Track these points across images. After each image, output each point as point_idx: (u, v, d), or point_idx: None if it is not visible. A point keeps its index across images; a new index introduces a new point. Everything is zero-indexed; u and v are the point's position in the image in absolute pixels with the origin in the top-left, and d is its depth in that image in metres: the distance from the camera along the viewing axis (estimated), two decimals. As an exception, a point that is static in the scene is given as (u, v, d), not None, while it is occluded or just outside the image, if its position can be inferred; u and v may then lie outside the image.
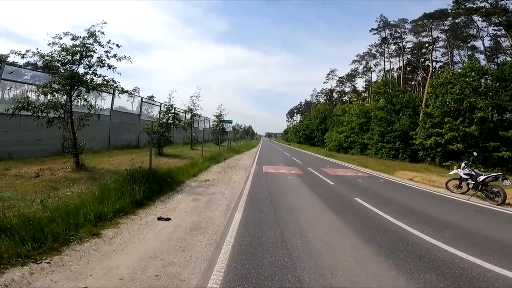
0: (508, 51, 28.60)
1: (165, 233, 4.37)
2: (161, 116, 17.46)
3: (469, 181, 8.53)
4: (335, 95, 64.12)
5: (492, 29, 29.97)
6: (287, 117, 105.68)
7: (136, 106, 20.50)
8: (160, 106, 20.19)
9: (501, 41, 30.05)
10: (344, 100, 56.59)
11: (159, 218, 5.01)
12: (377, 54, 42.22)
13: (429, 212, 6.41)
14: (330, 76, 62.75)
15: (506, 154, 19.06)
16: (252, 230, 4.56)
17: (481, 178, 8.17)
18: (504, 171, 16.18)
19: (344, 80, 58.11)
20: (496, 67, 27.43)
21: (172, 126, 16.14)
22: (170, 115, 16.35)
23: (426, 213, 6.35)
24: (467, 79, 22.23)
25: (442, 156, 21.81)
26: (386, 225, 5.21)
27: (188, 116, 22.93)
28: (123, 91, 9.45)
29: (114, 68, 8.45)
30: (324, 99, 67.15)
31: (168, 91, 20.48)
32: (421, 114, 27.91)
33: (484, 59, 30.15)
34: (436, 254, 3.88)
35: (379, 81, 38.67)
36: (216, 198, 6.85)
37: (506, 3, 27.86)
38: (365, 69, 48.18)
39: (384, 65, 41.48)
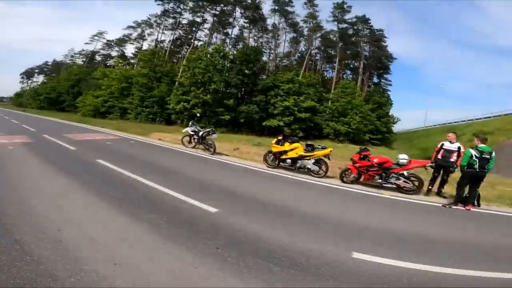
0: (244, 41, 38.17)
1: None
2: None
3: (195, 136, 11.08)
4: (98, 58, 55.52)
5: (244, 21, 38.43)
6: (23, 78, 77.63)
7: None
8: None
9: (245, 32, 39.27)
10: (108, 64, 50.53)
11: None
12: (155, 24, 41.15)
13: (162, 164, 7.81)
14: (97, 37, 53.05)
15: (227, 117, 26.68)
16: None
17: (201, 133, 10.88)
18: (224, 129, 22.77)
19: (113, 44, 51.64)
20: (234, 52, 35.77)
21: None
22: None
23: (160, 165, 7.68)
24: (213, 58, 27.83)
25: (188, 119, 26.36)
26: (123, 179, 5.74)
27: None
28: None
29: None
30: (83, 61, 56.13)
31: None
32: (176, 83, 31.50)
33: (229, 44, 38.45)
34: (161, 198, 4.95)
35: (148, 49, 38.45)
36: None
37: (260, 1, 36.21)
38: (139, 36, 45.61)
39: (158, 36, 41.44)
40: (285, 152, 8.20)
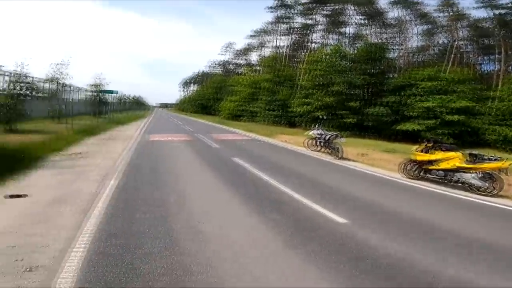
0: (363, 38, 35.72)
1: (19, 209, 3.93)
2: (10, 86, 13.91)
3: (320, 140, 10.86)
4: (231, 67, 65.85)
5: (359, 18, 36.47)
6: (182, 87, 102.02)
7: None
8: (4, 75, 15.85)
9: (363, 29, 37.02)
10: (239, 72, 58.91)
11: (9, 196, 4.37)
12: (271, 31, 45.23)
13: (287, 165, 8.06)
14: (228, 48, 63.60)
15: (352, 120, 25.02)
16: (127, 194, 4.66)
17: (327, 137, 10.55)
18: (348, 133, 21.38)
19: (241, 53, 60.24)
20: (353, 51, 33.89)
21: (28, 97, 13.25)
22: (22, 84, 13.25)
23: (285, 166, 7.97)
24: (332, 59, 27.17)
25: (310, 121, 26.40)
26: (253, 178, 6.26)
27: (54, 86, 19.09)
28: None
29: None
30: (221, 70, 68.03)
31: (22, 59, 15.95)
32: (298, 86, 32.44)
33: (347, 43, 36.82)
34: (285, 199, 5.08)
35: (269, 56, 42.18)
36: (88, 169, 6.38)
37: None
38: (259, 44, 51.13)
39: (275, 42, 44.94)
40: (435, 161, 6.71)
